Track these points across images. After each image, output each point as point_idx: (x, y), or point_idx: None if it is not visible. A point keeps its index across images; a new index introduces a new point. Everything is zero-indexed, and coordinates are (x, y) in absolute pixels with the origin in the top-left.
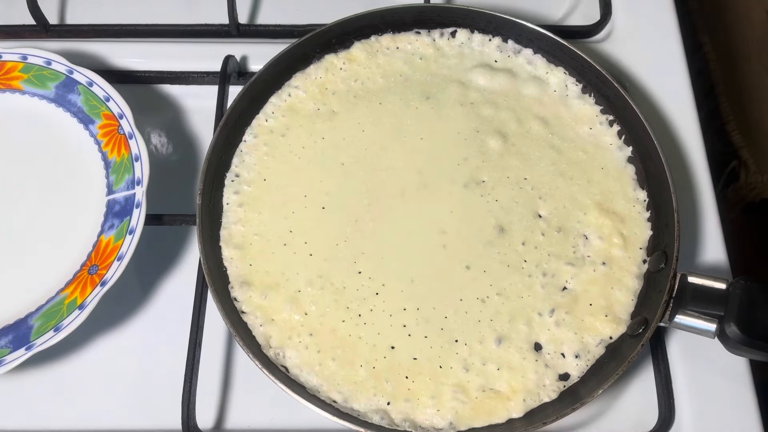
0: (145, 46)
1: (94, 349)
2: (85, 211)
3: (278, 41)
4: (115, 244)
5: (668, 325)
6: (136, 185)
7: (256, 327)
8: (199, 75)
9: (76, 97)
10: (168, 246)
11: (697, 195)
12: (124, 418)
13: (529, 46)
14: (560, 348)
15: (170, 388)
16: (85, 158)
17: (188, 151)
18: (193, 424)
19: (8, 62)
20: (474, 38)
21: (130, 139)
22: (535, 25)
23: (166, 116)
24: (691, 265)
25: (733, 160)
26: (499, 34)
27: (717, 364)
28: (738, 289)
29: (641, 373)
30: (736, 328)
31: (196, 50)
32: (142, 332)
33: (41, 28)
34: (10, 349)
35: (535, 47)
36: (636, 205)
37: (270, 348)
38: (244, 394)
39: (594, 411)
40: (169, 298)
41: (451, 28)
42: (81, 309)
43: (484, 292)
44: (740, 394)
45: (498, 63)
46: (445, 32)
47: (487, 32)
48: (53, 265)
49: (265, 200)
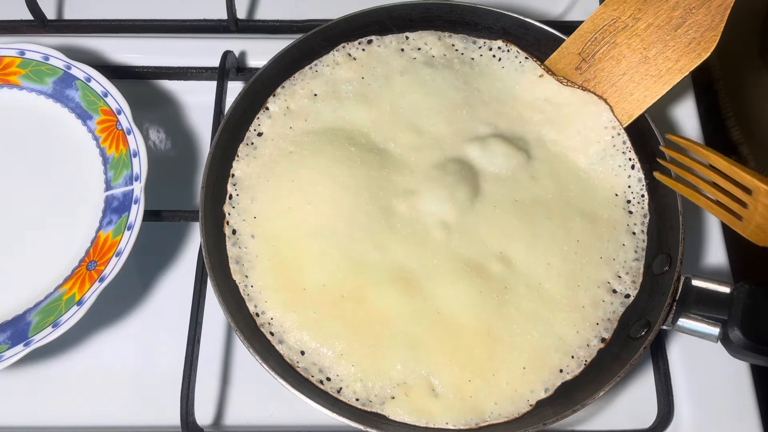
0: (144, 41)
1: (93, 345)
2: (83, 206)
3: (277, 37)
4: (113, 240)
5: (671, 328)
6: (135, 181)
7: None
8: (198, 70)
9: (74, 93)
10: (166, 242)
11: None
12: (123, 414)
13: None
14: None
15: (169, 384)
16: (83, 154)
17: (186, 147)
18: (191, 420)
19: (6, 57)
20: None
21: (129, 134)
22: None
23: (164, 112)
24: (692, 267)
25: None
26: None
27: (716, 362)
28: (743, 293)
29: (640, 370)
30: (740, 333)
31: (195, 46)
32: (141, 328)
33: (39, 23)
34: (8, 345)
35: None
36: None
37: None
38: (244, 390)
39: (593, 407)
40: (167, 294)
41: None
42: (79, 305)
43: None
44: (740, 392)
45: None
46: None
47: (493, 31)
48: (51, 261)
49: (270, 194)
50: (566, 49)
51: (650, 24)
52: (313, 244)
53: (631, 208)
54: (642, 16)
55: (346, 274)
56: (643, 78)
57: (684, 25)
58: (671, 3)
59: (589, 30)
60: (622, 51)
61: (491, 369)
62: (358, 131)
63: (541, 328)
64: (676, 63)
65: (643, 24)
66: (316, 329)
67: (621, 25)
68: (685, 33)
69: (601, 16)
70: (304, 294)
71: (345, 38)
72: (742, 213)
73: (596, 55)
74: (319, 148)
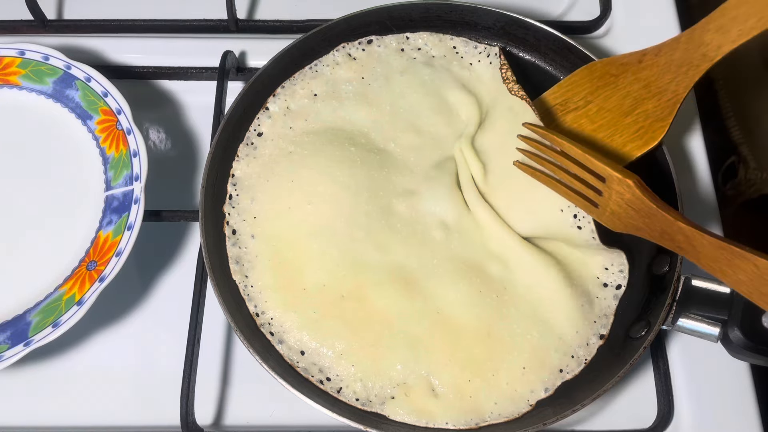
0: (144, 41)
1: (93, 345)
2: (83, 206)
3: (277, 37)
4: (113, 240)
5: (671, 328)
6: (135, 181)
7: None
8: (198, 71)
9: (74, 93)
10: (166, 242)
11: (698, 194)
12: (123, 414)
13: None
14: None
15: (169, 384)
16: (83, 154)
17: (186, 147)
18: (191, 420)
19: (6, 57)
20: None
21: (129, 134)
22: (544, 24)
23: (164, 112)
24: (693, 267)
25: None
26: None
27: (716, 362)
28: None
29: (640, 370)
30: (740, 333)
31: (195, 46)
32: (141, 328)
33: (39, 23)
34: (8, 345)
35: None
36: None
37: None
38: (244, 390)
39: (593, 407)
40: (167, 294)
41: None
42: (79, 305)
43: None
44: (740, 392)
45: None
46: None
47: (493, 31)
48: (51, 261)
49: (270, 194)
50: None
51: (601, 107)
52: (313, 244)
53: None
54: (594, 99)
55: (346, 274)
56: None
57: (633, 114)
58: (622, 92)
59: (540, 107)
60: (571, 129)
61: (491, 369)
62: (358, 131)
63: (541, 327)
64: (623, 147)
65: (595, 107)
66: (316, 329)
67: (573, 105)
68: (635, 121)
69: (553, 96)
70: (304, 294)
71: (345, 38)
72: (598, 200)
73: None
74: (319, 148)
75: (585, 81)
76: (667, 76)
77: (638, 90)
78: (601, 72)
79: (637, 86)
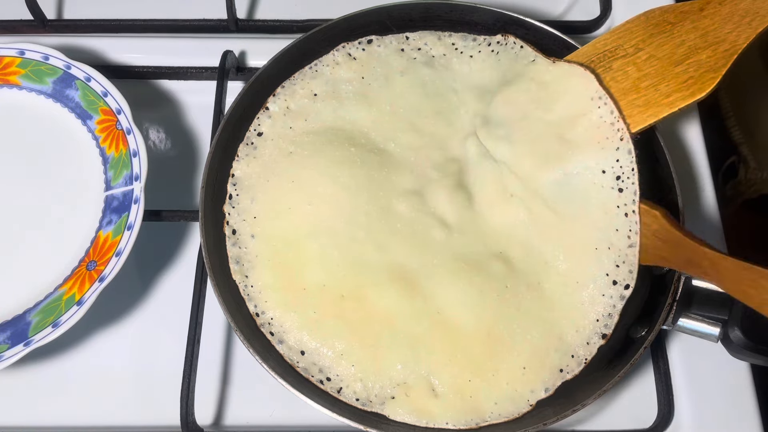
0: (143, 41)
1: (93, 345)
2: (83, 206)
3: (277, 36)
4: (113, 239)
5: (671, 328)
6: (135, 181)
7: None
8: (198, 70)
9: (74, 93)
10: (166, 242)
11: (698, 194)
12: (123, 414)
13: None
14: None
15: (169, 384)
16: (82, 154)
17: (186, 147)
18: (191, 420)
19: (5, 57)
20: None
21: (128, 134)
22: (545, 24)
23: (164, 112)
24: None
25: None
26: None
27: (716, 362)
28: None
29: (640, 370)
30: (740, 333)
31: (195, 45)
32: (141, 328)
33: (39, 23)
34: (8, 345)
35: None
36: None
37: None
38: (244, 390)
39: (593, 407)
40: (167, 294)
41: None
42: (79, 305)
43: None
44: (740, 392)
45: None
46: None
47: (493, 31)
48: (51, 261)
49: (270, 195)
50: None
51: (651, 55)
52: (313, 244)
53: (621, 185)
54: (645, 47)
55: (346, 274)
56: (627, 106)
57: (684, 63)
58: (677, 40)
59: (588, 53)
60: (615, 76)
61: (491, 369)
62: (358, 131)
63: (541, 327)
64: (667, 97)
65: (645, 55)
66: (316, 329)
67: (621, 53)
68: (685, 71)
69: (604, 42)
70: (304, 294)
71: (345, 38)
72: None
73: None
74: (319, 148)
75: (639, 28)
76: (728, 25)
77: (694, 39)
78: (658, 19)
79: (694, 35)
